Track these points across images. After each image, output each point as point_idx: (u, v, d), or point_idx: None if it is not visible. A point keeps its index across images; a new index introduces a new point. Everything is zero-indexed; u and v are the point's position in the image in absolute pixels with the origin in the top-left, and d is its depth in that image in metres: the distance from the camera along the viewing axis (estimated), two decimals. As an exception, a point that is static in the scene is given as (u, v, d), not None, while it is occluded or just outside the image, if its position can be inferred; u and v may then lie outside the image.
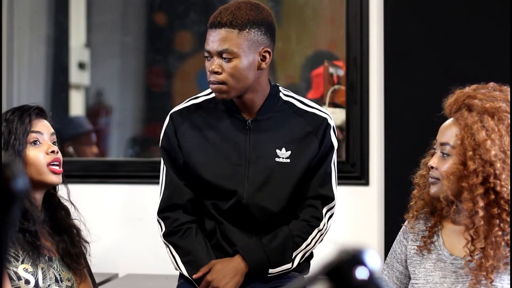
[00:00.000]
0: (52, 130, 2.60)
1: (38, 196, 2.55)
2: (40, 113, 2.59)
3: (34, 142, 2.54)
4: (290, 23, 4.28)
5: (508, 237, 2.37)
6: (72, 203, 2.66)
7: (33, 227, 2.48)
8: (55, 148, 2.56)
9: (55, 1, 4.59)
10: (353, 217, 3.91)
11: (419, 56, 3.80)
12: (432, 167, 2.44)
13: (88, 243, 2.65)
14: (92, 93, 4.66)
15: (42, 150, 2.54)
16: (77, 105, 4.65)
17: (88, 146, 4.48)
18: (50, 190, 2.62)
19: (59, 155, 2.57)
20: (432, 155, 2.48)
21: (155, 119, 4.45)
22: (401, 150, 3.76)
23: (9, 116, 2.54)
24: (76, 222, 2.65)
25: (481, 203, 2.35)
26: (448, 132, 2.43)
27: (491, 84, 2.47)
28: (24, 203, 2.46)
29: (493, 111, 2.38)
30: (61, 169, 2.56)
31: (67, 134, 4.31)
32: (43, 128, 2.57)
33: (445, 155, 2.42)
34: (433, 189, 2.45)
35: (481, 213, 2.35)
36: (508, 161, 2.35)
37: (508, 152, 2.35)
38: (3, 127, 2.52)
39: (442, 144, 2.43)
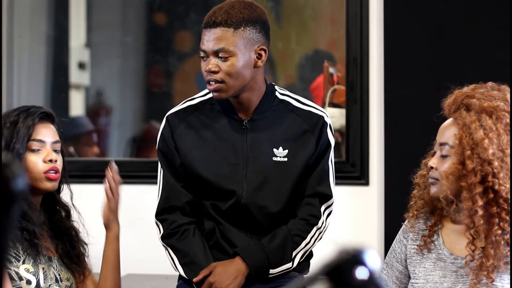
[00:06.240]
0: (56, 138, 2.58)
1: (36, 200, 2.55)
2: (45, 117, 2.57)
3: (34, 150, 2.53)
4: (290, 23, 4.28)
5: (508, 236, 2.37)
6: (74, 206, 2.65)
7: (32, 226, 2.48)
8: (53, 156, 2.54)
9: (55, 1, 4.59)
10: (353, 217, 3.91)
11: (419, 56, 3.80)
12: (432, 168, 2.44)
13: (86, 244, 2.65)
14: (92, 93, 4.66)
15: (40, 157, 2.53)
16: (77, 105, 4.65)
17: (89, 146, 4.48)
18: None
19: (58, 163, 2.55)
20: (433, 155, 2.48)
21: (155, 119, 4.45)
22: (401, 150, 3.76)
23: (14, 117, 2.52)
24: (75, 224, 2.65)
25: (480, 202, 2.35)
26: (447, 132, 2.43)
27: (490, 83, 2.47)
28: (23, 206, 2.45)
29: (491, 110, 2.38)
30: (57, 175, 2.55)
31: (68, 134, 4.31)
32: (46, 136, 2.55)
33: (444, 155, 2.42)
34: (433, 189, 2.45)
35: (480, 212, 2.35)
36: (506, 159, 2.35)
37: (507, 151, 2.36)
38: (7, 127, 2.51)
39: (442, 144, 2.44)
